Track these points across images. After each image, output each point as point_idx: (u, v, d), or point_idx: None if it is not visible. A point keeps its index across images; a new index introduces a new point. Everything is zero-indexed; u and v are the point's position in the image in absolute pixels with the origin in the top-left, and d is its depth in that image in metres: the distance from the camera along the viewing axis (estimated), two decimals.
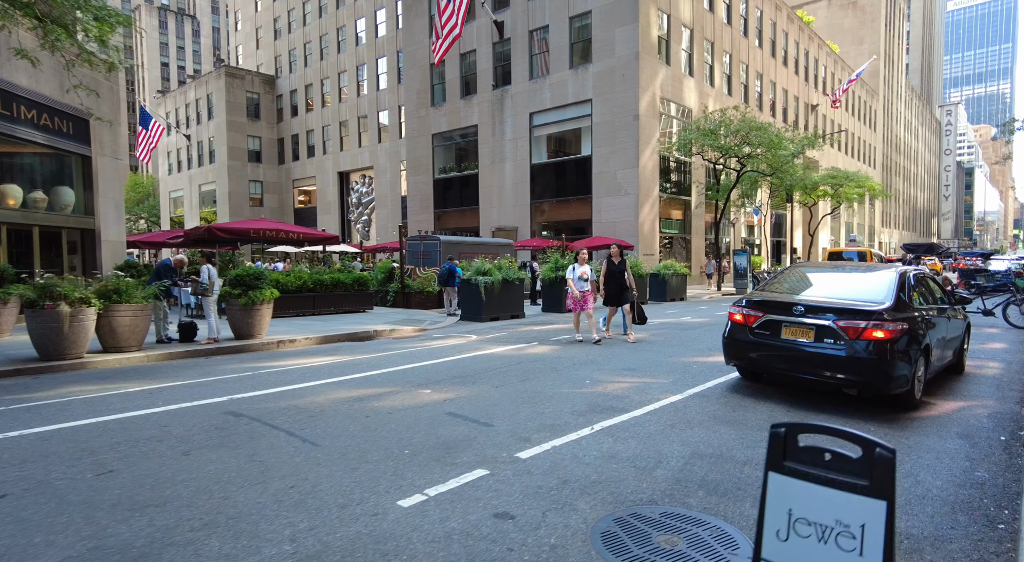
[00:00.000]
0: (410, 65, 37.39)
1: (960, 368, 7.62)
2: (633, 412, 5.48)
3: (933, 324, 6.19)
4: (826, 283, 6.68)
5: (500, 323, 13.97)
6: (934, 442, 4.81)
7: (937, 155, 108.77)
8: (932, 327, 6.14)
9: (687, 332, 11.68)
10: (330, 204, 51.51)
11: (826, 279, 6.80)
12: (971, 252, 31.74)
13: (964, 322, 7.65)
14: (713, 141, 23.54)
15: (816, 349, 5.63)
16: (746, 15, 35.74)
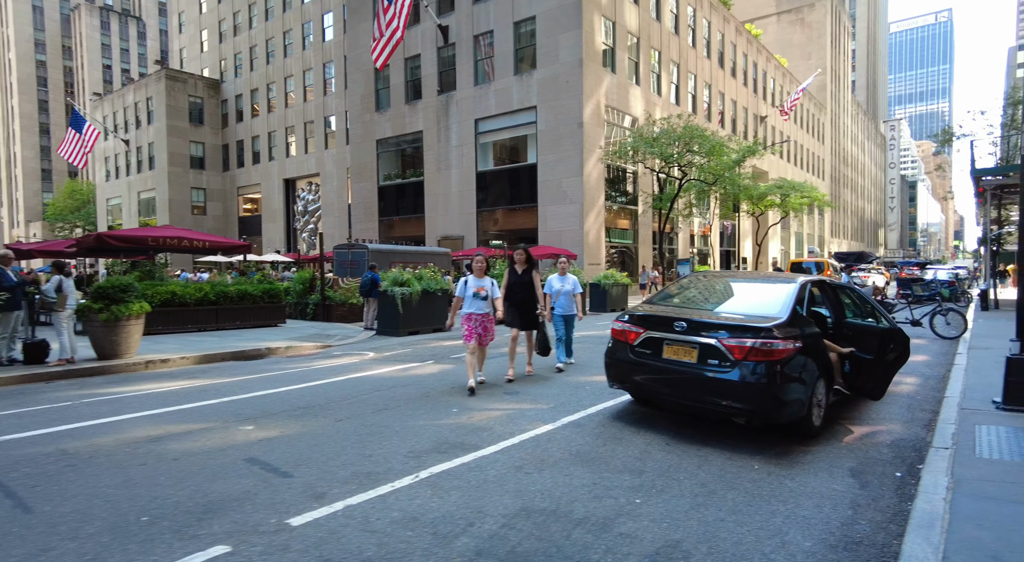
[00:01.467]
0: (355, 69, 36.28)
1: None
2: (483, 450, 4.61)
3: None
4: (722, 295, 5.97)
5: (417, 338, 13.01)
6: (820, 483, 4.07)
7: (882, 168, 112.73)
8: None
9: (603, 347, 10.92)
10: (276, 212, 49.71)
11: (723, 291, 6.08)
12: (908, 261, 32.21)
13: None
14: (655, 149, 23.15)
15: (699, 371, 4.88)
16: (694, 25, 35.88)
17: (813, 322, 5.29)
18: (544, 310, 7.77)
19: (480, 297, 6.86)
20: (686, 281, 6.34)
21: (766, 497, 3.80)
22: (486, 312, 6.90)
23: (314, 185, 47.75)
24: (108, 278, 10.59)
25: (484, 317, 6.92)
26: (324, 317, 16.83)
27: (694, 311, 5.46)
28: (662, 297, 6.03)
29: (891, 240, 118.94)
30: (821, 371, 5.10)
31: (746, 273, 6.81)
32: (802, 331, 4.97)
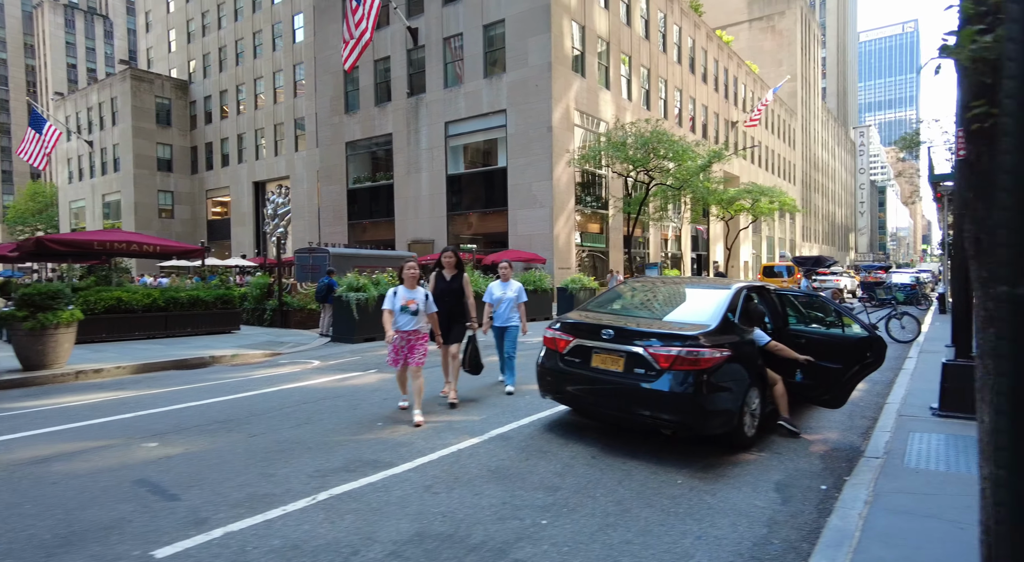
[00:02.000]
0: (324, 71, 35.78)
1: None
2: (397, 468, 4.36)
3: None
4: (658, 302, 5.80)
5: (370, 345, 12.69)
6: (742, 498, 3.91)
7: (853, 174, 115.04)
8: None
9: None
10: (245, 215, 48.80)
11: (660, 297, 5.92)
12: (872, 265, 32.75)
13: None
14: (621, 153, 23.13)
15: (626, 381, 4.70)
16: (664, 31, 36.11)
17: (747, 330, 5.14)
18: (475, 322, 6.78)
19: (409, 311, 5.77)
20: (625, 287, 6.17)
21: (682, 515, 3.62)
22: (414, 328, 5.83)
23: (284, 188, 46.82)
24: (35, 284, 10.11)
25: (412, 335, 5.82)
26: (282, 323, 16.40)
27: (626, 318, 5.29)
28: (598, 304, 5.86)
29: (861, 244, 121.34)
30: (754, 380, 4.96)
31: (686, 279, 6.65)
32: (733, 339, 4.82)
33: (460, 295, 6.58)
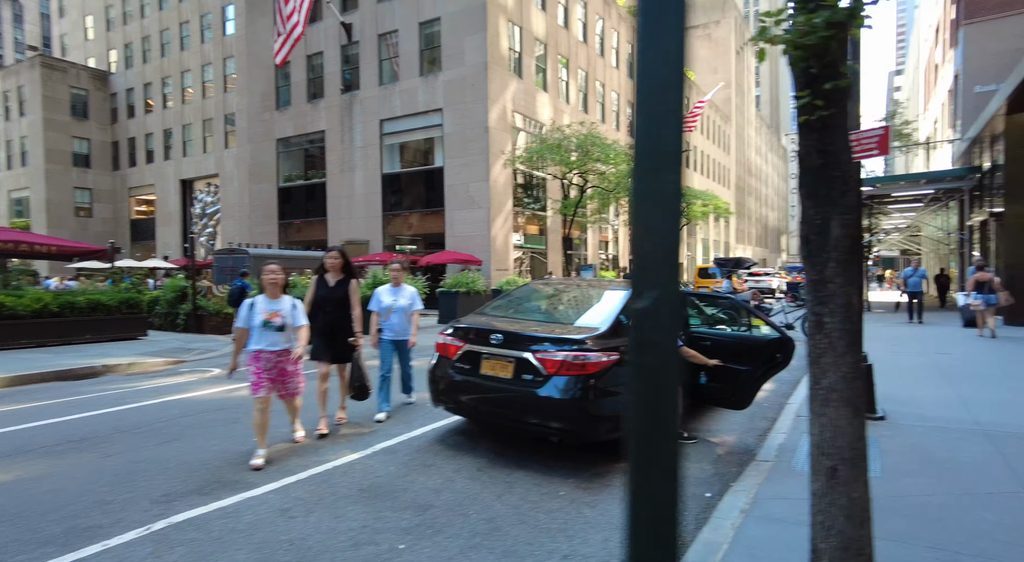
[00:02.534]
0: (254, 65, 34.35)
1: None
2: (257, 489, 3.97)
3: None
4: (555, 304, 5.61)
5: None
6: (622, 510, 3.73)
7: (785, 179, 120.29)
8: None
9: None
10: (171, 215, 46.33)
11: (558, 300, 5.73)
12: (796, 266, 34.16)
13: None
14: (556, 155, 23.14)
15: (514, 387, 4.46)
16: (602, 35, 36.54)
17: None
18: (360, 336, 5.66)
19: (273, 327, 4.65)
20: (523, 290, 5.95)
21: (555, 532, 3.40)
22: (282, 348, 4.71)
23: (213, 186, 44.90)
24: None
25: (279, 356, 4.70)
26: (196, 328, 15.47)
27: (519, 322, 5.07)
28: (496, 306, 5.61)
29: (793, 246, 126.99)
30: None
31: (590, 281, 6.46)
32: (626, 342, 4.66)
33: (345, 304, 5.55)
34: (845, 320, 1.90)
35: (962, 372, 8.12)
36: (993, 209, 16.65)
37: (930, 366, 8.68)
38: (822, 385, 1.93)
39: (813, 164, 1.96)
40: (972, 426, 5.35)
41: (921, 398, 6.55)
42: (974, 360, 9.21)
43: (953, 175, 18.84)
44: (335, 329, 5.52)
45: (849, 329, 1.90)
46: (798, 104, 1.94)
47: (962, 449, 4.66)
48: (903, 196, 22.71)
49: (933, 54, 33.37)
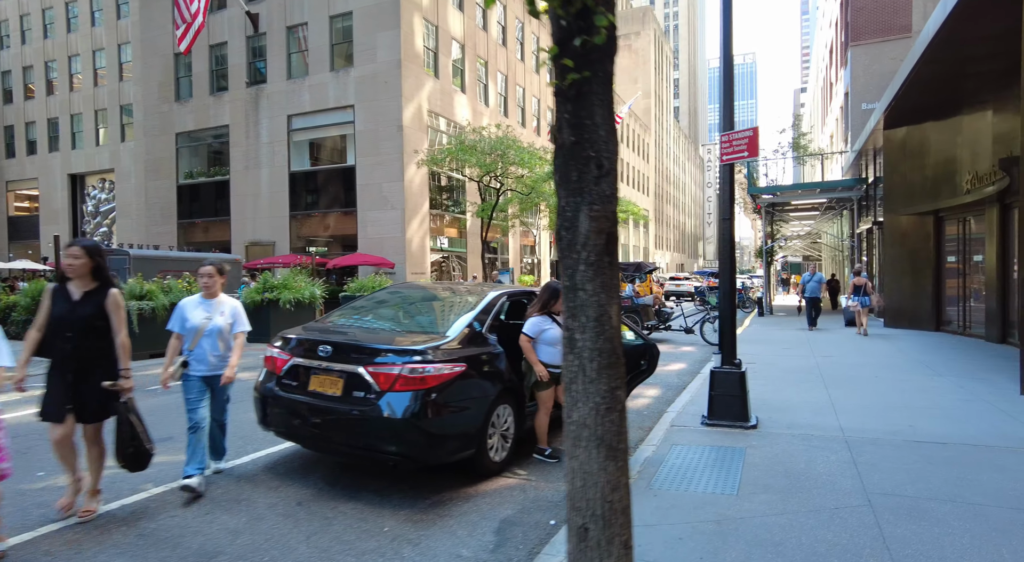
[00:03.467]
0: (150, 53, 31.87)
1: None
2: (8, 541, 3.22)
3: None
4: (405, 310, 5.09)
5: (157, 362, 10.90)
6: (448, 546, 3.27)
7: (702, 187, 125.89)
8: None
9: None
10: (58, 212, 42.33)
11: (409, 305, 5.21)
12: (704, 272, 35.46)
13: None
14: (469, 157, 22.70)
15: (343, 407, 3.91)
16: (522, 39, 36.56)
17: (493, 340, 4.56)
18: (127, 377, 3.70)
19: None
20: (381, 294, 5.40)
21: None
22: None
23: (108, 182, 41.43)
24: None
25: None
26: None
27: (363, 331, 4.53)
28: (344, 313, 5.04)
29: (709, 252, 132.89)
30: (503, 396, 4.41)
31: (449, 285, 5.97)
32: (475, 352, 4.23)
33: (98, 329, 3.63)
34: (598, 336, 1.52)
35: (838, 375, 8.29)
36: (876, 218, 17.68)
37: (812, 369, 8.84)
38: (573, 419, 1.54)
39: (565, 142, 1.55)
40: (836, 433, 5.30)
41: (796, 403, 6.54)
42: (851, 363, 9.50)
43: (843, 185, 19.92)
44: (82, 364, 3.58)
45: (603, 348, 1.52)
46: (550, 65, 1.54)
47: (821, 459, 4.55)
48: (802, 204, 23.90)
49: (829, 73, 35.61)
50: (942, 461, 4.45)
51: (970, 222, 12.57)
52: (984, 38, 8.79)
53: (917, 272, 14.18)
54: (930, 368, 8.74)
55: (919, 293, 14.18)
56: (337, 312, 5.04)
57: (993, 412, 5.98)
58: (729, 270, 5.69)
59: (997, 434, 5.17)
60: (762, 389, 7.36)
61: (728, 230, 5.67)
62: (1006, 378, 7.72)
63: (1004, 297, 10.92)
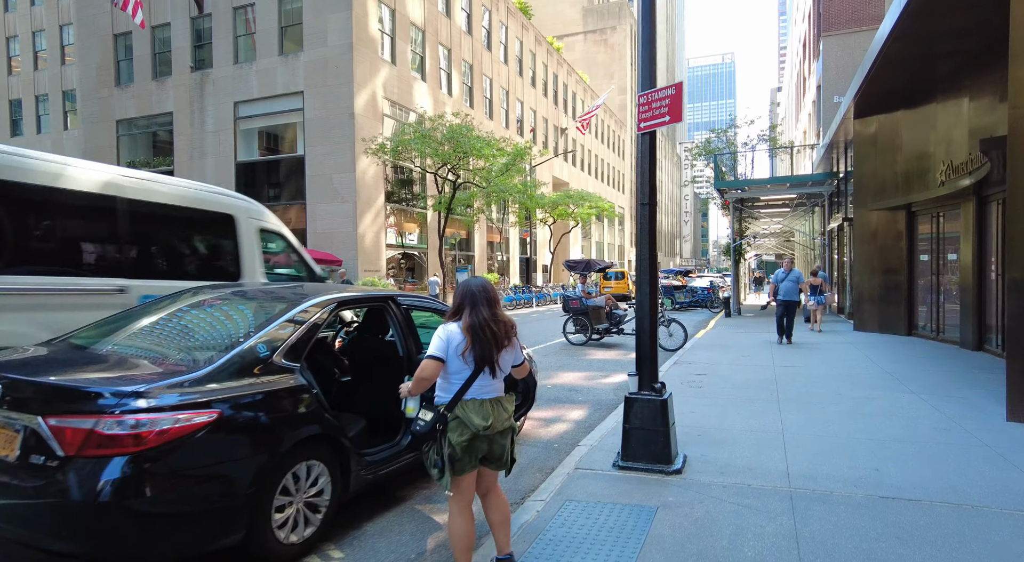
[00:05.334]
0: (88, 34, 29.84)
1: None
2: None
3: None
4: (177, 327, 3.61)
5: None
6: None
7: (679, 185, 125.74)
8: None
9: None
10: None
11: (189, 318, 3.70)
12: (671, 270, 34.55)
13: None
14: (420, 147, 21.27)
15: (17, 479, 2.54)
16: (489, 28, 35.16)
17: (292, 368, 3.20)
18: None
19: None
20: (151, 305, 3.98)
21: None
22: None
23: None
24: None
25: None
26: None
27: (63, 359, 3.14)
28: (91, 330, 3.62)
29: (686, 250, 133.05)
30: (310, 449, 3.09)
31: (259, 288, 4.46)
32: (255, 389, 2.89)
33: None
34: None
35: (796, 392, 7.12)
36: (847, 214, 16.71)
37: (768, 383, 7.68)
38: None
39: None
40: (780, 482, 4.08)
41: (740, 432, 5.33)
42: (813, 375, 8.35)
43: (813, 180, 18.97)
44: None
45: None
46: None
47: (753, 532, 3.31)
48: (772, 200, 22.94)
49: (802, 68, 34.87)
50: (916, 536, 3.24)
51: (944, 218, 11.58)
52: (958, 7, 7.71)
53: (888, 271, 13.18)
54: (901, 382, 7.63)
55: (890, 294, 13.18)
56: (87, 328, 3.64)
57: (977, 448, 4.82)
58: (649, 267, 4.44)
59: (986, 484, 4.00)
60: (704, 410, 6.15)
61: (647, 216, 4.42)
62: (987, 396, 6.62)
63: (980, 300, 9.91)
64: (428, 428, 2.65)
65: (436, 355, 2.64)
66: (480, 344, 2.67)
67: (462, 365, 2.68)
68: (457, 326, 2.71)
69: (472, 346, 2.67)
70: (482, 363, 2.69)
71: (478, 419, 2.66)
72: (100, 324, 3.66)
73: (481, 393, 2.73)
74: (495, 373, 2.74)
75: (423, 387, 2.69)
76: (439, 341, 2.67)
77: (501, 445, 2.81)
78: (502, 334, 2.74)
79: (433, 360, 2.64)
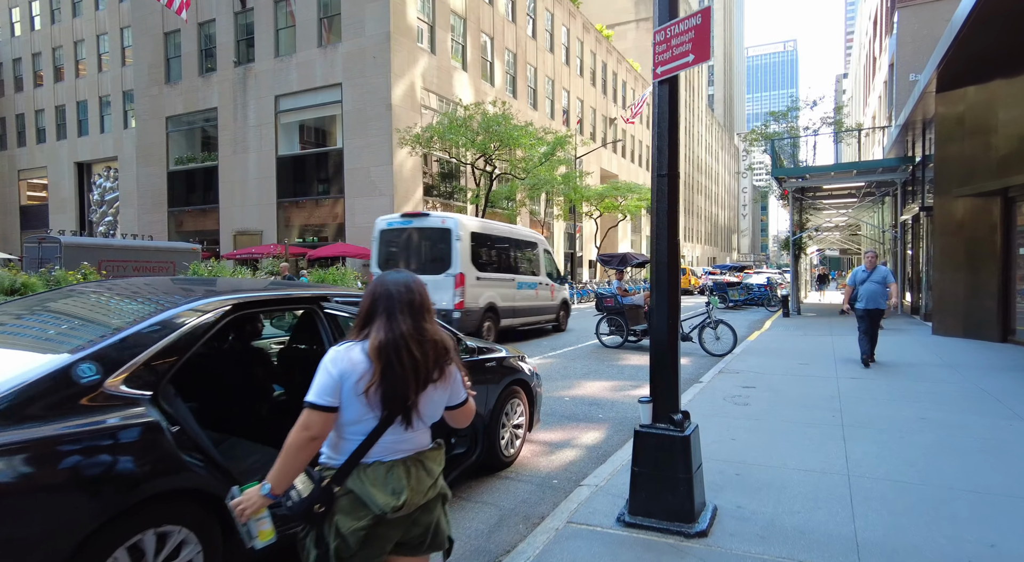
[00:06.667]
0: (140, 33, 30.57)
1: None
2: None
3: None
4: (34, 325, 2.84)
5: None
6: None
7: (737, 178, 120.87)
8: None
9: None
10: (65, 201, 41.88)
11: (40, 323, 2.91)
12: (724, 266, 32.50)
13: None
14: (457, 136, 20.43)
15: None
16: (534, 15, 34.03)
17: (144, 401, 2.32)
18: None
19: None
20: (42, 296, 3.21)
21: None
22: None
23: (112, 170, 40.67)
24: None
25: None
26: None
27: None
28: None
29: (743, 245, 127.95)
30: (159, 517, 2.21)
31: (155, 280, 3.65)
32: (56, 432, 2.03)
33: None
34: None
35: (866, 414, 5.83)
36: (924, 203, 14.83)
37: (830, 400, 6.40)
38: None
39: None
40: (848, 558, 2.94)
41: (790, 473, 4.17)
42: (886, 390, 6.97)
43: (884, 166, 17.03)
44: None
45: None
46: None
47: None
48: (836, 189, 20.95)
49: (872, 47, 32.11)
50: None
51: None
52: None
53: (977, 267, 11.40)
54: (1002, 403, 6.20)
55: (979, 293, 11.41)
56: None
57: None
58: (668, 259, 3.36)
59: None
60: (747, 437, 4.99)
61: (665, 191, 3.35)
62: None
63: None
64: (300, 509, 1.68)
65: (321, 402, 1.68)
66: (393, 377, 1.70)
67: (364, 410, 1.71)
68: (361, 348, 1.74)
69: (382, 380, 1.69)
70: (395, 407, 1.72)
71: (383, 496, 1.70)
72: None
73: (391, 452, 1.77)
74: (412, 422, 1.77)
75: (296, 469, 1.69)
76: (326, 376, 1.70)
77: (424, 525, 1.84)
78: (429, 361, 1.77)
79: (319, 412, 1.67)
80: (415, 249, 11.60)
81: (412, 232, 11.64)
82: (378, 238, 11.87)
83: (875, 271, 8.54)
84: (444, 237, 11.05)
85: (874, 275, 8.53)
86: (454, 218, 11.37)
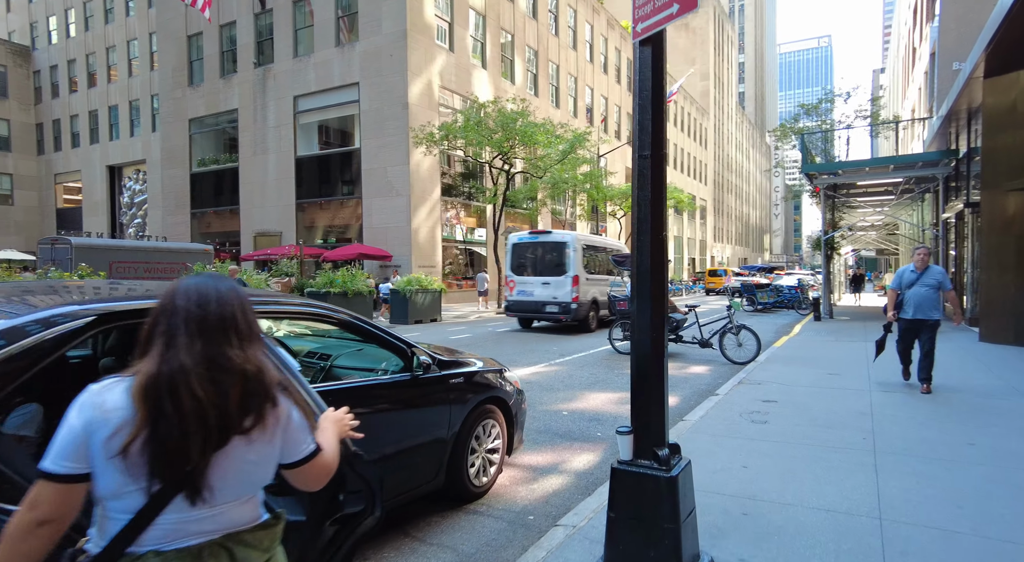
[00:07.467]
0: (165, 37, 30.94)
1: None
2: None
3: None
4: None
5: None
6: None
7: (769, 176, 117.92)
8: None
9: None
10: (98, 204, 42.82)
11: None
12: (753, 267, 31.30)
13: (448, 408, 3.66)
14: (472, 134, 19.91)
15: None
16: (556, 11, 33.40)
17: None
18: None
19: None
20: None
21: None
22: None
23: (142, 173, 41.40)
24: None
25: None
26: None
27: None
28: None
29: (776, 245, 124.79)
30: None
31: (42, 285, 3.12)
32: None
33: None
34: None
35: (903, 437, 5.07)
36: (969, 198, 13.75)
37: (860, 418, 5.65)
38: None
39: None
40: None
41: (808, 514, 3.49)
42: (927, 410, 6.18)
43: (925, 160, 15.94)
44: None
45: None
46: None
47: None
48: (872, 186, 19.80)
49: (912, 38, 30.59)
50: None
51: None
52: None
53: None
54: None
55: None
56: None
57: None
58: (651, 258, 2.75)
59: None
60: (761, 464, 4.31)
61: (648, 175, 2.74)
62: None
63: None
64: None
65: (56, 469, 1.12)
66: (166, 429, 1.14)
67: (123, 480, 1.14)
68: (124, 388, 1.18)
69: (149, 435, 1.14)
70: (168, 474, 1.16)
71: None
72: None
73: (180, 536, 1.20)
74: (202, 496, 1.20)
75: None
76: (67, 430, 1.13)
77: None
78: (231, 403, 1.20)
79: (52, 483, 1.12)
80: (540, 257, 14.81)
81: (538, 245, 14.94)
82: (511, 250, 15.25)
83: (927, 272, 6.79)
84: (561, 248, 14.36)
85: (925, 277, 6.77)
86: (571, 234, 14.70)
